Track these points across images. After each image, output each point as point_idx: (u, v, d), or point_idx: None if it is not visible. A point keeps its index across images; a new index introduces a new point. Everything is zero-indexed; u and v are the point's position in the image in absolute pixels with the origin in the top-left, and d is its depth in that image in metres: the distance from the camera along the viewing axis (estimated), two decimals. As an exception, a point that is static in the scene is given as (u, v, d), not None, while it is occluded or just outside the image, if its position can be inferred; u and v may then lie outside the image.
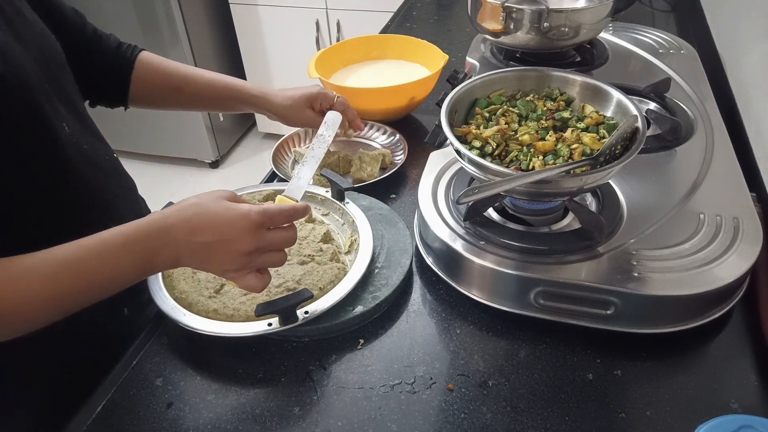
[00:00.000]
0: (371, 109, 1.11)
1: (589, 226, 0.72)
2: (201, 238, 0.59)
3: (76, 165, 0.71)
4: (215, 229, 0.59)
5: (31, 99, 0.64)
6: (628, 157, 0.67)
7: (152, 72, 0.90)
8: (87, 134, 0.76)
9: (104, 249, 0.59)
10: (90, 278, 0.59)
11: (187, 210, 0.60)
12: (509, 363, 0.68)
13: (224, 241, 0.59)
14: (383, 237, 0.82)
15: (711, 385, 0.65)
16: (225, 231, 0.59)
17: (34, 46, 0.68)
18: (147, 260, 0.60)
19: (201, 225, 0.59)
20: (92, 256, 0.58)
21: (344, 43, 1.25)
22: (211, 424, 0.63)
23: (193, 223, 0.59)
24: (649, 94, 1.00)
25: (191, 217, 0.60)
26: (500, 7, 1.03)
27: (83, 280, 0.59)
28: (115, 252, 0.59)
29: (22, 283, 0.57)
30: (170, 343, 0.73)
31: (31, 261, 0.57)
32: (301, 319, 0.68)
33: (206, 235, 0.59)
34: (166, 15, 2.37)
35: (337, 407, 0.64)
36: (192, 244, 0.59)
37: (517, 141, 0.77)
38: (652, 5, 1.56)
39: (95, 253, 0.58)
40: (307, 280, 0.73)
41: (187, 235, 0.59)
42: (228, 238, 0.59)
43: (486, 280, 0.73)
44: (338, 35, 2.49)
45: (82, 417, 0.64)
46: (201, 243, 0.59)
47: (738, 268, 0.68)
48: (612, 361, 0.67)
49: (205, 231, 0.59)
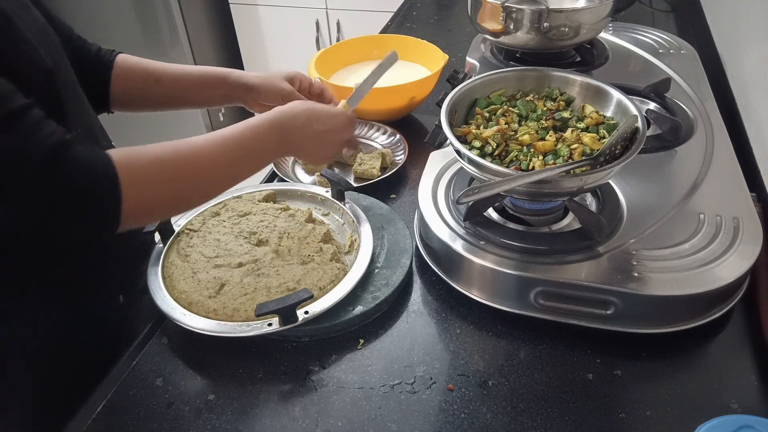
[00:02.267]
0: (371, 109, 1.11)
1: (589, 226, 0.72)
2: (318, 126, 0.75)
3: None
4: (326, 119, 0.76)
5: (55, 89, 0.64)
6: (628, 157, 0.67)
7: (130, 69, 0.90)
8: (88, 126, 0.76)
9: (249, 123, 0.70)
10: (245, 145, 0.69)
11: (300, 104, 0.75)
12: (509, 363, 0.68)
13: (333, 131, 0.77)
14: (383, 237, 0.82)
15: (711, 385, 0.65)
16: (334, 122, 0.77)
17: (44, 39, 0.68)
18: (283, 135, 0.72)
19: (316, 115, 0.75)
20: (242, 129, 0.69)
21: (344, 43, 1.25)
22: (211, 424, 0.63)
23: (310, 113, 0.75)
24: (649, 94, 1.00)
25: (307, 109, 0.74)
26: (500, 7, 1.03)
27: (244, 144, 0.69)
28: (259, 126, 0.70)
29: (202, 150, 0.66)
30: (170, 343, 0.73)
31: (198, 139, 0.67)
32: (301, 319, 0.68)
33: (322, 124, 0.75)
34: (166, 15, 2.37)
35: (337, 407, 0.64)
36: (311, 130, 0.74)
37: (517, 141, 0.77)
38: (652, 5, 1.56)
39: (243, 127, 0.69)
40: (307, 280, 0.73)
41: (309, 122, 0.74)
42: (336, 128, 0.77)
43: (486, 280, 0.73)
44: (338, 35, 2.49)
45: (82, 417, 0.64)
46: (318, 131, 0.75)
47: (738, 268, 0.68)
48: (612, 361, 0.67)
49: (320, 119, 0.75)
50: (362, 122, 1.11)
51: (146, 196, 0.61)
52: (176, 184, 0.64)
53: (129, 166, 0.59)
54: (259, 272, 0.76)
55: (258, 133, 0.70)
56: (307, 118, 0.74)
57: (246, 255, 0.79)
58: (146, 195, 0.61)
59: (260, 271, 0.76)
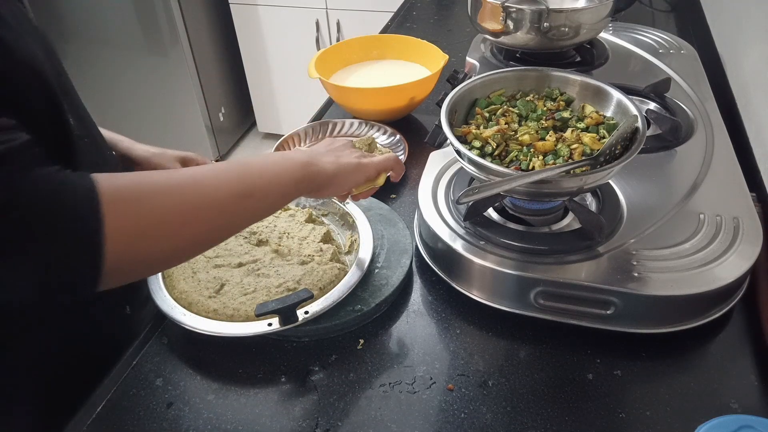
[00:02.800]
0: (371, 109, 1.11)
1: (589, 226, 0.72)
2: (320, 149, 0.69)
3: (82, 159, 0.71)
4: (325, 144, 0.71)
5: (49, 88, 0.64)
6: (628, 157, 0.67)
7: None
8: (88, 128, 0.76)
9: (264, 158, 0.62)
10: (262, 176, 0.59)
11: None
12: (509, 363, 0.68)
13: (338, 148, 0.70)
14: (383, 237, 0.82)
15: (711, 385, 0.65)
16: (332, 142, 0.71)
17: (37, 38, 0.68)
18: (302, 166, 0.62)
19: (315, 147, 0.70)
20: (255, 162, 0.60)
21: (344, 43, 1.25)
22: (211, 424, 0.63)
23: (309, 150, 0.69)
24: (649, 94, 1.00)
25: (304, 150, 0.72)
26: (500, 7, 1.03)
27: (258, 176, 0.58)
28: (274, 159, 0.62)
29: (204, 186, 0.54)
30: (170, 343, 0.73)
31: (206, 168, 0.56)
32: (301, 319, 0.68)
33: (322, 146, 0.70)
34: (166, 15, 2.37)
35: (336, 407, 0.64)
36: (318, 151, 0.68)
37: (517, 141, 0.77)
38: (652, 5, 1.56)
39: (256, 161, 0.60)
40: (307, 280, 0.73)
41: (310, 152, 0.67)
42: (337, 145, 0.70)
43: (486, 280, 0.73)
44: (338, 35, 2.49)
45: (82, 417, 0.64)
46: (323, 150, 0.68)
47: (738, 268, 0.68)
48: (612, 361, 0.67)
49: (320, 146, 0.70)
50: (362, 122, 1.11)
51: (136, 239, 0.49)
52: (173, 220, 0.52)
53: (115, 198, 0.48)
54: (259, 272, 0.76)
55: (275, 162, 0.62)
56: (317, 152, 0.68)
57: (246, 255, 0.79)
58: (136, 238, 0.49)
59: (260, 271, 0.76)
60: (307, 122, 1.14)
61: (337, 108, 1.20)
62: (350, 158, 0.68)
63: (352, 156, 0.69)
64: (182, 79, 2.52)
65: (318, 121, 1.12)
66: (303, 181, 0.62)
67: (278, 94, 2.77)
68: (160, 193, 0.51)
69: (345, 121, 1.12)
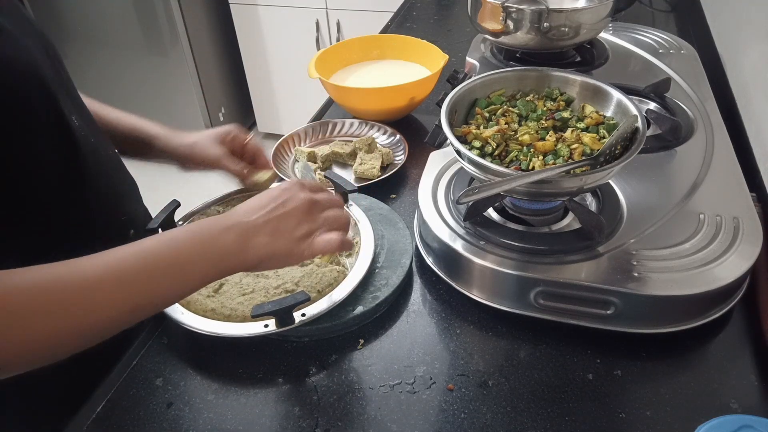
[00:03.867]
0: (371, 109, 1.11)
1: (589, 226, 0.72)
2: (258, 213, 0.59)
3: (87, 159, 0.71)
4: (266, 200, 0.61)
5: (48, 89, 0.64)
6: (628, 157, 0.67)
7: None
8: (92, 128, 0.76)
9: (172, 238, 0.55)
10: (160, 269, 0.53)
11: (236, 207, 0.62)
12: (509, 363, 0.68)
13: (280, 205, 0.60)
14: (383, 237, 0.82)
15: (711, 385, 0.65)
16: (275, 196, 0.61)
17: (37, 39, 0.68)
18: (217, 244, 0.56)
19: (253, 204, 0.61)
20: (162, 247, 0.54)
21: (344, 43, 1.25)
22: (211, 424, 0.63)
23: (246, 207, 0.60)
24: (649, 94, 1.00)
25: (241, 206, 0.61)
26: (500, 7, 1.03)
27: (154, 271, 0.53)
28: (183, 238, 0.55)
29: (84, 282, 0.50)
30: (170, 343, 0.73)
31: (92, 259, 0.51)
32: (298, 322, 0.68)
33: (261, 209, 0.60)
34: (166, 15, 2.37)
35: (337, 407, 0.64)
36: (254, 222, 0.59)
37: (517, 141, 0.77)
38: (652, 5, 1.56)
39: (164, 242, 0.55)
40: (305, 282, 0.73)
41: (245, 216, 0.59)
42: (282, 201, 0.61)
43: (486, 280, 0.73)
44: (338, 35, 2.49)
45: (82, 417, 0.64)
46: (261, 217, 0.59)
47: (738, 268, 0.68)
48: (612, 361, 0.67)
49: (258, 206, 0.60)
50: (362, 122, 1.11)
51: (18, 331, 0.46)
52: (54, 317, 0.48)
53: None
54: (258, 273, 0.76)
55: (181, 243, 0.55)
56: (245, 212, 0.60)
57: (246, 255, 0.78)
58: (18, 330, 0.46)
59: (259, 272, 0.76)
60: (307, 122, 1.14)
61: (337, 108, 1.20)
62: (287, 240, 0.60)
63: (293, 235, 0.60)
64: (182, 79, 2.52)
65: (318, 121, 1.12)
66: (224, 271, 0.57)
67: (278, 94, 2.77)
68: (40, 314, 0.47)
69: (345, 121, 1.12)
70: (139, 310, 0.53)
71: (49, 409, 0.73)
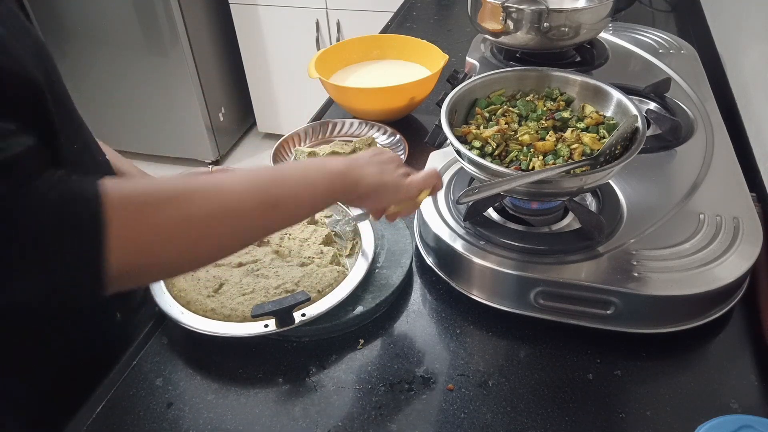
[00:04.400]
0: (371, 109, 1.11)
1: (589, 226, 0.72)
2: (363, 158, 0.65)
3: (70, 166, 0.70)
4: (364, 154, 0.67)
5: (39, 96, 0.64)
6: (628, 157, 0.67)
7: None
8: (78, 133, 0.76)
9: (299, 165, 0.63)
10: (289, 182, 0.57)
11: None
12: (509, 363, 0.68)
13: (378, 154, 0.67)
14: (383, 237, 0.82)
15: (711, 385, 0.65)
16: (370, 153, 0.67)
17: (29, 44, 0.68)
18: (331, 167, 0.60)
19: (356, 156, 0.67)
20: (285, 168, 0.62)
21: (344, 43, 1.25)
22: (211, 424, 0.63)
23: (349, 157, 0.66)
24: (649, 94, 1.00)
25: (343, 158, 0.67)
26: (500, 7, 1.03)
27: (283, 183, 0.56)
28: (300, 165, 0.63)
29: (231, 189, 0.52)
30: (170, 343, 0.73)
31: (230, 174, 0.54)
32: (298, 322, 0.68)
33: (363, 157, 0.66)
34: (166, 15, 2.37)
35: (337, 407, 0.64)
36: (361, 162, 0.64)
37: (517, 141, 0.77)
38: (652, 5, 1.56)
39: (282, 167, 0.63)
40: (305, 282, 0.73)
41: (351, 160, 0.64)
42: (377, 153, 0.67)
43: (486, 280, 0.73)
44: (338, 35, 2.49)
45: (82, 417, 0.64)
46: (365, 160, 0.65)
47: (738, 268, 0.68)
48: (612, 361, 0.67)
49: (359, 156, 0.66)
50: (362, 122, 1.11)
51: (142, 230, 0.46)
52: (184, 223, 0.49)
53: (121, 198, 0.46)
54: (258, 272, 0.76)
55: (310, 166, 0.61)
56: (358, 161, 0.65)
57: (246, 254, 0.79)
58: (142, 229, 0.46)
59: (259, 272, 0.76)
60: (307, 122, 1.14)
61: (337, 108, 1.20)
62: (393, 175, 0.65)
63: (396, 173, 0.66)
64: (182, 79, 2.52)
65: (318, 121, 1.12)
66: (339, 191, 0.61)
67: (278, 94, 2.77)
68: (176, 201, 0.48)
69: (345, 121, 1.12)
70: (271, 211, 0.54)
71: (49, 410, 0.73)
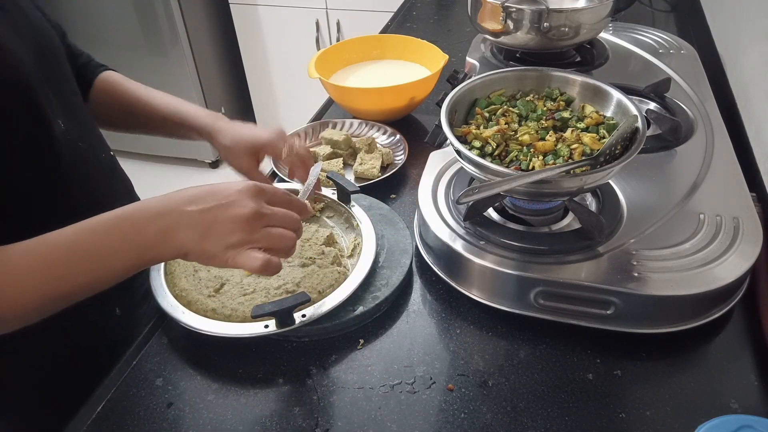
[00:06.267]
0: (371, 109, 1.11)
1: (589, 226, 0.72)
2: (198, 206, 0.56)
3: (69, 163, 0.70)
4: (213, 193, 0.57)
5: (28, 94, 0.64)
6: (628, 157, 0.67)
7: (109, 92, 0.87)
8: (83, 131, 0.75)
9: (97, 225, 0.56)
10: (83, 259, 0.55)
11: (184, 189, 0.59)
12: (509, 363, 0.68)
13: (223, 206, 0.56)
14: (383, 237, 0.82)
15: (711, 385, 0.65)
16: (224, 194, 0.57)
17: (32, 40, 0.68)
18: (140, 234, 0.55)
19: (198, 193, 0.57)
20: (85, 235, 0.56)
21: (344, 43, 1.25)
22: (211, 424, 0.63)
23: (190, 194, 0.57)
24: (649, 94, 1.00)
25: (188, 190, 0.58)
26: (500, 7, 1.03)
27: (77, 261, 0.55)
28: (108, 227, 0.56)
29: (13, 269, 0.54)
30: (170, 343, 0.73)
31: (22, 246, 0.55)
32: (298, 323, 0.68)
33: (204, 202, 0.56)
34: (166, 15, 2.37)
35: (337, 407, 0.64)
36: (189, 213, 0.56)
37: (517, 141, 0.77)
38: (652, 5, 1.56)
39: (87, 231, 0.56)
40: (306, 283, 0.73)
41: (184, 204, 0.56)
42: (227, 201, 0.56)
43: (486, 280, 0.73)
44: (338, 35, 2.49)
45: (82, 417, 0.64)
46: (198, 210, 0.56)
47: (738, 268, 0.68)
48: (612, 361, 0.67)
49: (202, 198, 0.57)
50: (362, 122, 1.11)
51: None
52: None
53: None
54: (259, 272, 0.76)
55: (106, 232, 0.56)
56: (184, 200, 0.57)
57: (246, 255, 0.78)
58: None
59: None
60: (307, 122, 1.14)
61: (337, 108, 1.20)
62: (216, 242, 0.56)
63: (226, 239, 0.56)
64: (182, 79, 2.52)
65: (318, 121, 1.12)
66: (142, 265, 0.58)
67: (278, 94, 2.77)
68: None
69: (345, 121, 1.12)
70: (63, 298, 0.56)
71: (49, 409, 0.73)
